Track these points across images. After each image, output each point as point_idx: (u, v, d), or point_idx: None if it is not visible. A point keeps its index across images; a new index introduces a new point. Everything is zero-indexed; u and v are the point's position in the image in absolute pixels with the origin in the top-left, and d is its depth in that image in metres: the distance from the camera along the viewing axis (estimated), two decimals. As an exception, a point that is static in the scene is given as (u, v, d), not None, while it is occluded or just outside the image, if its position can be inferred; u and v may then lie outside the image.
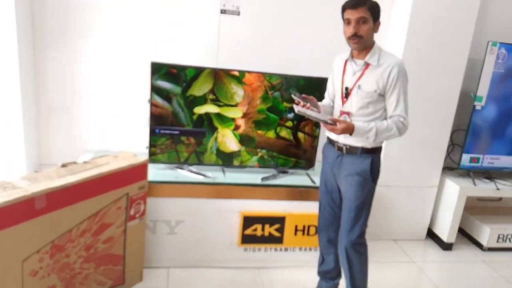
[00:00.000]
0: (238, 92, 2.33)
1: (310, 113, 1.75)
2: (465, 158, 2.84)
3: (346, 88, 1.83)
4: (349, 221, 1.86)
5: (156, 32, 2.43)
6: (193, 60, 2.35)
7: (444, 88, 2.66)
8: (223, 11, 2.46)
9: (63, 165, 1.80)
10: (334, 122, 1.74)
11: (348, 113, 1.84)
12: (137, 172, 1.95)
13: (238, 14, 2.47)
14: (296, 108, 1.75)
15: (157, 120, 2.27)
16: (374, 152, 1.85)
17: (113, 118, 2.52)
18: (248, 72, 2.31)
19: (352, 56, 1.82)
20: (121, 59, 2.44)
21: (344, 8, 1.73)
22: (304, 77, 2.38)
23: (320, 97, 2.38)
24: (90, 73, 2.44)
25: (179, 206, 2.24)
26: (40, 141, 2.50)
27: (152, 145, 2.30)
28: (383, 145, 1.92)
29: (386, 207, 2.82)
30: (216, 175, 2.36)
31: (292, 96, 1.82)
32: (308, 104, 1.80)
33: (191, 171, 2.35)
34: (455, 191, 2.80)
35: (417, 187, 2.84)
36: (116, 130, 2.54)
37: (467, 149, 2.81)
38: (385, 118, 1.81)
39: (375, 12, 1.72)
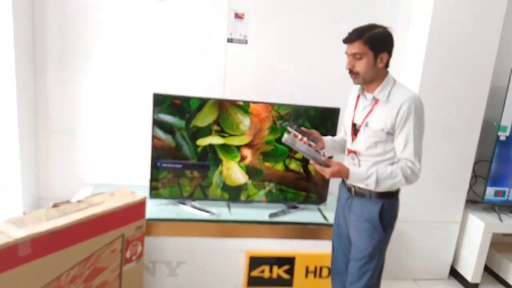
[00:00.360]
0: (244, 122, 2.20)
1: (300, 146, 1.58)
2: (490, 192, 2.63)
3: (355, 125, 1.67)
4: (355, 271, 1.69)
5: (161, 61, 2.34)
6: (199, 90, 2.25)
7: (465, 117, 2.49)
8: (230, 40, 2.36)
9: (55, 205, 1.68)
10: (325, 163, 1.56)
11: (355, 152, 1.67)
12: (134, 211, 1.82)
13: (246, 42, 2.38)
14: (285, 137, 1.58)
15: (159, 153, 2.16)
16: (386, 197, 1.63)
17: (115, 149, 2.42)
18: (255, 102, 2.20)
19: (363, 89, 1.67)
20: (124, 90, 2.35)
21: (343, 41, 1.60)
22: (314, 107, 2.25)
23: (332, 128, 2.26)
24: (92, 104, 2.35)
25: (181, 245, 2.10)
26: (40, 174, 2.40)
27: (153, 179, 2.18)
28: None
29: (406, 244, 2.62)
30: (221, 211, 2.22)
31: (288, 128, 1.67)
32: (305, 139, 1.65)
33: (195, 207, 2.21)
34: (479, 228, 2.59)
35: (439, 222, 2.64)
36: (119, 162, 2.43)
37: (492, 182, 2.61)
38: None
39: (376, 45, 1.54)
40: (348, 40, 1.56)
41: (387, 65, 1.60)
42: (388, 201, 1.64)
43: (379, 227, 1.63)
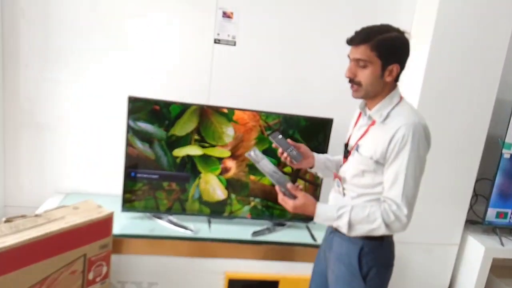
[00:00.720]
0: (227, 132, 2.02)
1: (264, 165, 1.34)
2: (491, 213, 2.46)
3: (346, 146, 1.44)
4: None
5: (141, 63, 2.14)
6: (182, 95, 2.06)
7: (468, 131, 2.31)
8: (217, 41, 2.18)
9: (7, 220, 1.49)
10: (290, 192, 1.31)
11: (340, 179, 1.42)
12: (98, 228, 1.63)
13: (234, 44, 2.19)
14: (249, 153, 1.37)
15: (134, 162, 1.97)
16: (370, 237, 1.31)
17: (89, 155, 2.22)
18: (241, 110, 2.01)
19: (365, 104, 1.40)
20: (100, 92, 2.15)
21: (347, 43, 1.32)
22: (305, 117, 2.07)
23: (324, 141, 2.08)
24: (66, 106, 2.15)
25: (153, 265, 1.91)
26: (6, 179, 2.20)
27: (126, 190, 1.99)
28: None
29: (400, 267, 2.43)
30: (200, 227, 2.03)
31: (270, 138, 1.45)
32: (285, 154, 1.43)
33: (171, 222, 2.02)
34: (479, 252, 2.41)
35: (435, 244, 2.46)
36: (93, 169, 2.24)
37: (494, 203, 2.43)
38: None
39: (386, 53, 1.24)
40: (353, 41, 1.27)
41: (396, 79, 1.32)
42: (371, 243, 1.33)
43: (357, 275, 1.33)
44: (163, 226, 2.00)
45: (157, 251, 1.90)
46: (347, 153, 1.42)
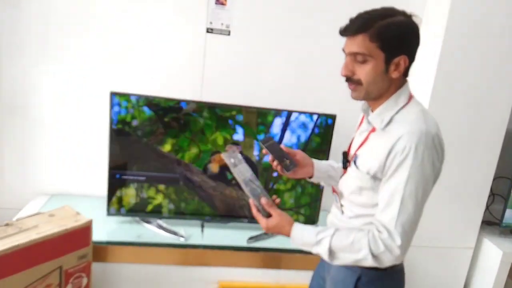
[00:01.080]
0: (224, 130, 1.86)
1: (239, 173, 1.15)
2: (509, 214, 2.26)
3: (345, 154, 1.23)
4: None
5: (127, 56, 1.98)
6: (172, 90, 1.90)
7: (486, 126, 2.10)
8: (209, 30, 2.00)
9: (-28, 231, 1.36)
10: (264, 209, 1.13)
11: (338, 194, 1.23)
12: (75, 238, 1.49)
13: (228, 34, 2.02)
14: (224, 154, 1.18)
15: (118, 163, 1.82)
16: (369, 267, 1.09)
17: (76, 155, 2.08)
18: (237, 106, 1.84)
19: (368, 105, 1.17)
20: (82, 88, 1.99)
21: (340, 33, 1.08)
22: (306, 113, 1.89)
23: (326, 140, 1.91)
24: (50, 103, 2.01)
25: (141, 274, 1.76)
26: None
27: (112, 193, 1.85)
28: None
29: (410, 272, 2.26)
30: (192, 232, 1.88)
31: (260, 142, 1.26)
32: (276, 162, 1.23)
33: (161, 227, 1.88)
34: (496, 256, 2.22)
35: (448, 248, 2.28)
36: (78, 169, 2.10)
37: (513, 203, 2.25)
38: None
39: (390, 43, 1.02)
40: (348, 31, 1.04)
41: (406, 74, 1.09)
42: (371, 272, 1.11)
43: None
44: (152, 231, 1.86)
45: (145, 260, 1.76)
46: (346, 163, 1.21)
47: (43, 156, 2.07)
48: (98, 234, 1.70)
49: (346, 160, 1.21)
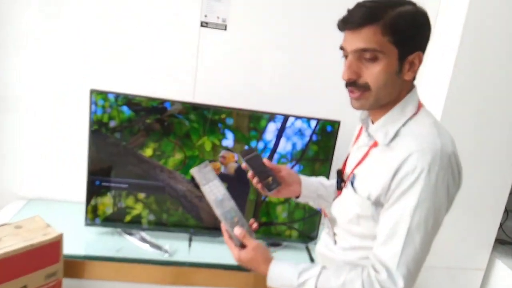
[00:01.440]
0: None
1: (209, 192, 0.98)
2: (525, 233, 2.11)
3: (339, 173, 1.05)
4: None
5: (112, 52, 1.80)
6: (163, 89, 1.73)
7: (501, 137, 1.92)
8: (204, 24, 1.83)
9: None
10: (238, 239, 0.96)
11: (330, 220, 1.05)
12: (43, 254, 1.31)
13: (225, 28, 1.84)
14: (193, 169, 1.01)
15: (99, 168, 1.64)
16: None
17: (56, 157, 1.90)
18: (232, 108, 1.66)
19: (368, 114, 1.01)
20: (62, 86, 1.81)
21: (338, 27, 0.91)
22: (306, 118, 1.71)
23: (328, 150, 1.73)
24: (29, 98, 1.83)
25: (119, 293, 1.59)
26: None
27: (90, 201, 1.67)
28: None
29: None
30: (177, 247, 1.70)
31: (239, 156, 1.13)
32: (256, 179, 1.06)
33: (144, 240, 1.70)
34: (509, 278, 2.05)
35: (457, 269, 2.11)
36: (57, 173, 1.92)
37: (529, 222, 2.08)
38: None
39: (406, 34, 0.85)
40: (351, 23, 0.86)
41: (414, 78, 0.93)
42: None
43: None
44: (133, 245, 1.68)
45: (124, 277, 1.58)
46: (340, 183, 1.03)
47: (21, 158, 1.90)
48: (74, 247, 1.55)
49: (341, 179, 1.03)
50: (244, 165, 1.07)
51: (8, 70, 1.78)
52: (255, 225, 1.00)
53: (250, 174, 1.08)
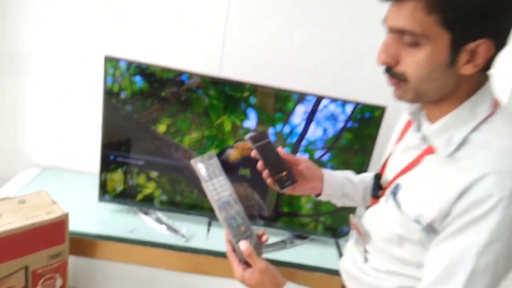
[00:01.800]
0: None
1: (214, 190, 0.79)
2: None
3: (377, 177, 0.86)
4: None
5: (133, 20, 1.62)
6: (188, 61, 1.55)
7: None
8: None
9: None
10: (243, 255, 0.77)
11: (361, 233, 0.85)
12: (46, 234, 1.21)
13: (257, -5, 1.62)
14: (194, 160, 0.81)
15: (114, 141, 1.52)
16: None
17: (72, 125, 1.80)
18: (253, 85, 1.47)
19: (420, 108, 0.79)
20: (81, 54, 1.66)
21: None
22: (344, 101, 1.49)
23: (370, 141, 1.51)
24: (42, 65, 1.71)
25: (129, 276, 1.49)
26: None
27: (105, 177, 1.56)
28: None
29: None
30: (195, 231, 1.58)
31: (246, 139, 0.90)
32: (266, 172, 0.88)
33: (159, 221, 1.58)
34: None
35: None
36: (72, 142, 1.82)
37: None
38: None
39: (462, 13, 0.60)
40: None
41: (487, 67, 0.68)
42: None
43: None
44: (148, 226, 1.57)
45: (136, 260, 1.48)
46: (377, 191, 0.82)
47: (36, 124, 1.81)
48: (85, 224, 1.46)
49: (379, 187, 0.82)
50: (253, 152, 0.89)
51: (23, 34, 1.66)
52: (265, 238, 0.82)
53: (260, 164, 0.90)
